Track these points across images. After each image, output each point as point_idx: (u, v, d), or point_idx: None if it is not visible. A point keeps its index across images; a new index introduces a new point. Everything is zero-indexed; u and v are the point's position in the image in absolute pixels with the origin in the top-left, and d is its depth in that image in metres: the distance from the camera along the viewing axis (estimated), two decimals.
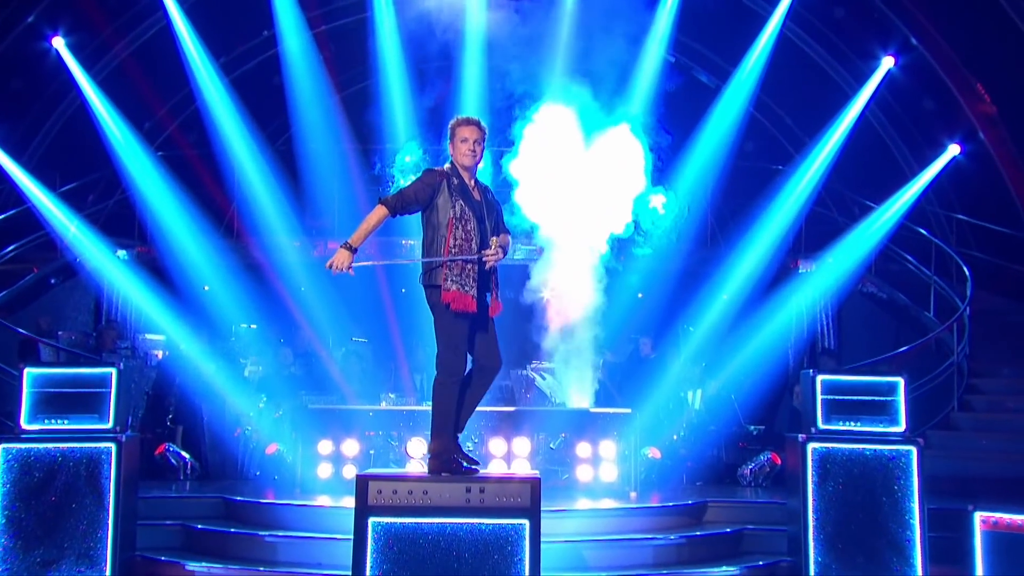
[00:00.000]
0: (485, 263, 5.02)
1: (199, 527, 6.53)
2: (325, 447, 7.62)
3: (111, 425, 5.71)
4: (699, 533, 6.63)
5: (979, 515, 5.66)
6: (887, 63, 12.05)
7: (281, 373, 9.66)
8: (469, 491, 4.74)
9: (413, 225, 5.29)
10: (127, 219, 11.82)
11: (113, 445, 5.62)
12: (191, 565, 6.01)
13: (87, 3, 11.48)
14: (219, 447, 8.76)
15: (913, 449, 5.90)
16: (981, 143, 11.88)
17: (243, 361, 10.36)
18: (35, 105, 12.13)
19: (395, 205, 5.00)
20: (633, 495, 7.47)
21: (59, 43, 11.41)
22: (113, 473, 5.59)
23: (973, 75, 11.74)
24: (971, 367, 9.90)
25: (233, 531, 6.48)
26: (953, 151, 11.94)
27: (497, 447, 7.60)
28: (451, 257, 4.91)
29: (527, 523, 4.70)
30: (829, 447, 5.93)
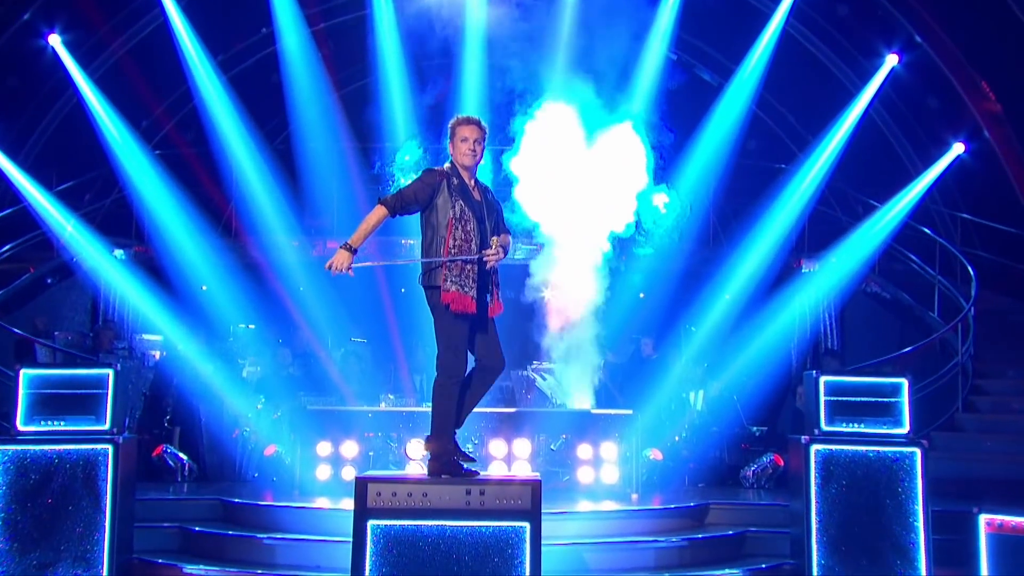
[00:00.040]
0: (486, 263, 5.00)
1: (197, 529, 6.51)
2: (324, 448, 7.62)
3: (108, 426, 5.69)
4: (701, 535, 6.60)
5: (984, 517, 5.62)
6: (891, 61, 12.01)
7: (279, 374, 9.64)
8: (469, 493, 4.72)
9: (413, 225, 5.26)
10: (124, 218, 11.80)
11: (110, 447, 5.60)
12: (189, 568, 5.98)
13: (84, 0, 11.43)
14: (217, 448, 8.74)
15: (917, 451, 5.88)
16: (986, 141, 11.87)
17: (241, 362, 10.36)
18: (31, 103, 12.10)
19: (394, 205, 4.99)
20: (635, 497, 7.44)
21: (55, 40, 11.37)
22: (110, 475, 5.57)
23: (978, 73, 11.73)
24: (976, 368, 9.85)
25: (231, 533, 6.44)
26: (958, 149, 11.92)
27: (497, 448, 7.60)
28: (451, 257, 4.89)
29: (528, 525, 4.68)
30: (832, 449, 5.90)
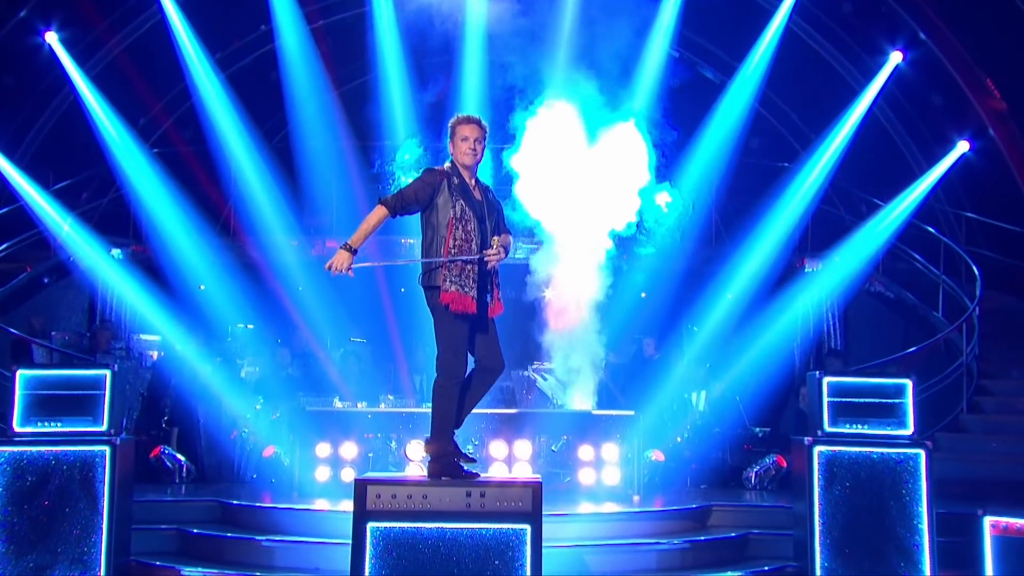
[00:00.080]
0: (487, 263, 4.97)
1: (195, 531, 6.46)
2: (323, 450, 7.58)
3: (105, 428, 5.66)
4: (703, 538, 6.56)
5: (989, 519, 5.62)
6: (895, 58, 11.98)
7: (278, 374, 9.59)
8: (469, 495, 4.70)
9: (412, 224, 5.26)
10: (121, 217, 11.77)
11: (107, 448, 5.57)
12: (187, 570, 5.95)
13: None
14: (215, 449, 8.70)
15: (921, 452, 5.86)
16: (991, 139, 11.88)
17: (240, 362, 10.32)
18: (28, 101, 12.10)
19: (395, 205, 4.97)
20: (636, 499, 7.41)
21: (52, 38, 11.35)
22: (107, 476, 5.54)
23: (983, 70, 11.74)
24: (981, 368, 9.83)
25: (229, 535, 6.40)
26: (962, 148, 11.91)
27: (498, 450, 7.57)
28: (452, 258, 4.87)
29: (528, 528, 4.65)
30: (836, 450, 5.88)
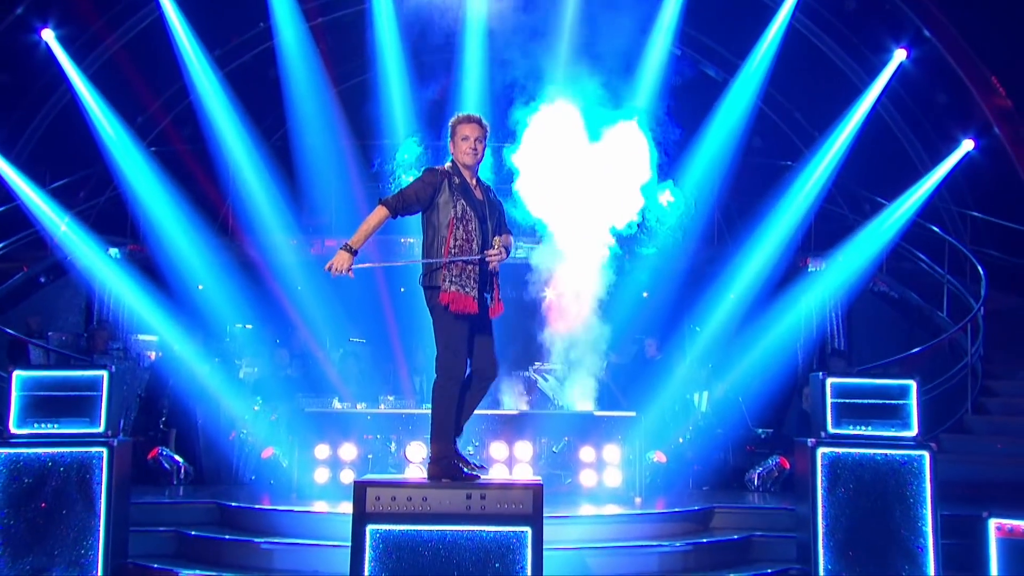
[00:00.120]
0: (488, 263, 4.94)
1: (193, 533, 6.44)
2: (322, 451, 7.58)
3: (102, 429, 5.63)
4: (706, 540, 6.54)
5: (994, 522, 5.64)
6: (899, 56, 11.95)
7: (277, 375, 9.57)
8: (470, 497, 4.66)
9: (411, 223, 5.25)
10: (119, 216, 11.75)
11: (104, 450, 5.55)
12: (185, 573, 5.93)
13: None
14: (213, 451, 8.70)
15: (926, 454, 5.83)
16: (996, 138, 11.89)
17: (238, 362, 10.33)
18: (24, 99, 12.08)
19: (395, 206, 4.94)
20: (638, 500, 7.39)
21: (49, 36, 11.34)
22: (104, 478, 5.52)
23: (988, 68, 11.76)
24: (986, 369, 9.82)
25: (228, 538, 6.39)
26: (967, 146, 11.89)
27: (498, 451, 7.57)
28: (453, 258, 4.83)
29: (529, 530, 4.62)
30: (839, 452, 5.87)
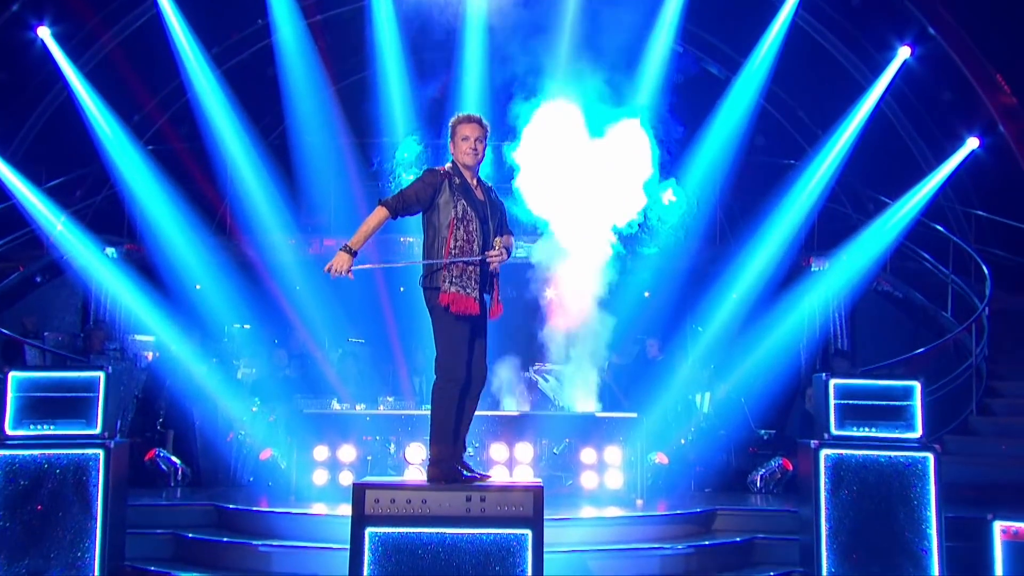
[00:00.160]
0: (489, 264, 4.90)
1: (190, 536, 6.43)
2: (321, 453, 7.56)
3: (99, 430, 5.61)
4: (708, 542, 6.52)
5: (999, 524, 5.64)
6: (903, 53, 11.90)
7: (275, 375, 9.53)
8: (469, 500, 4.63)
9: (410, 222, 5.22)
10: (115, 216, 11.70)
11: (101, 451, 5.53)
12: None
13: None
14: (211, 452, 8.69)
15: (930, 456, 5.81)
16: (1001, 136, 11.83)
17: (236, 363, 10.34)
18: (20, 97, 12.03)
19: (395, 207, 4.91)
20: (639, 503, 7.36)
21: (44, 33, 11.28)
22: (101, 480, 5.51)
23: (993, 65, 11.71)
24: (990, 369, 9.74)
25: (226, 540, 6.38)
26: (972, 144, 11.83)
27: (499, 453, 7.54)
28: (453, 259, 4.79)
29: (529, 533, 4.59)
30: (843, 453, 5.85)
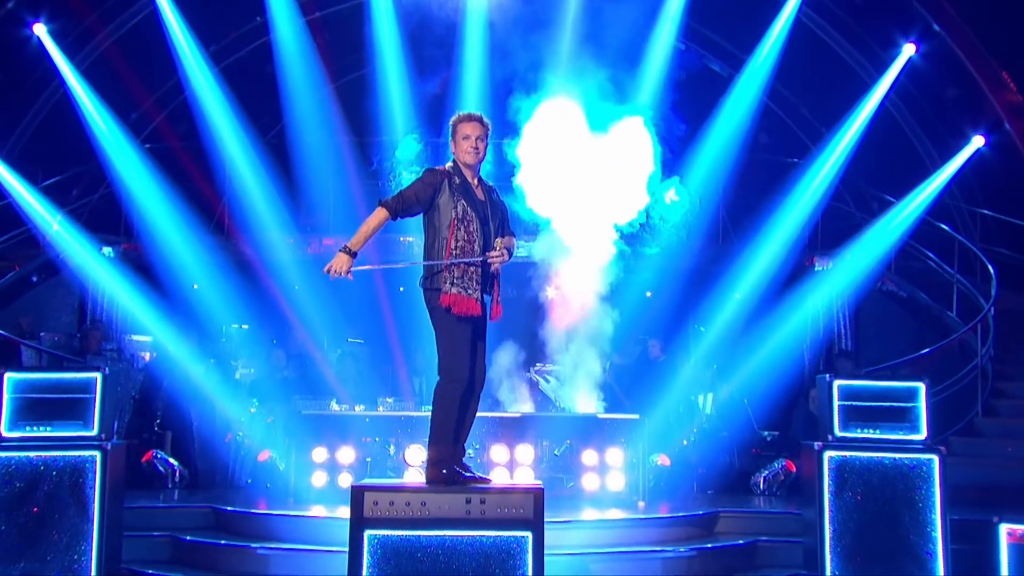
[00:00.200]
0: (490, 265, 4.86)
1: (188, 538, 6.42)
2: (319, 454, 7.53)
3: (96, 432, 5.58)
4: (710, 545, 6.50)
5: (1005, 527, 5.64)
6: (908, 50, 11.86)
7: (273, 376, 9.50)
8: (469, 502, 4.61)
9: (410, 221, 5.15)
10: (112, 215, 11.68)
11: (98, 453, 5.50)
12: None
13: None
14: (209, 454, 8.67)
15: (935, 457, 5.78)
16: (1007, 134, 11.80)
17: (234, 363, 10.30)
18: (15, 95, 11.98)
19: (395, 207, 4.88)
20: (641, 505, 7.34)
21: (40, 30, 11.23)
22: (98, 482, 5.47)
23: (998, 63, 11.67)
24: (996, 370, 9.70)
25: (223, 543, 6.37)
26: (977, 143, 11.81)
27: (499, 454, 7.51)
28: (454, 260, 4.75)
29: (530, 535, 4.58)
30: (846, 455, 5.82)
